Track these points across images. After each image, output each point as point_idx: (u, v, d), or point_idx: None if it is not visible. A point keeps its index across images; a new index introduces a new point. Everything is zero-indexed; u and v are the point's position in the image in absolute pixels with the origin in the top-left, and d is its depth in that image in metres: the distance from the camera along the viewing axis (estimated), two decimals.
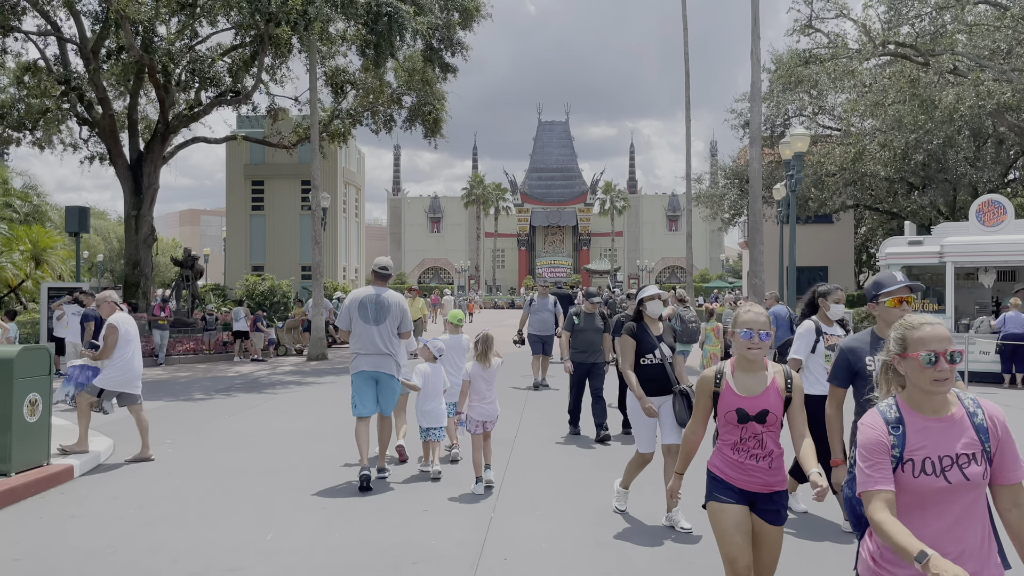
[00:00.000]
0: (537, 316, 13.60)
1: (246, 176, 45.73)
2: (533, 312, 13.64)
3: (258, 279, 27.08)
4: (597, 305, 9.71)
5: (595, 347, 9.44)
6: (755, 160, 19.12)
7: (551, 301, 13.71)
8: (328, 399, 12.35)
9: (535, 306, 13.65)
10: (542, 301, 13.69)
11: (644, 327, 5.94)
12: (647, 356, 5.83)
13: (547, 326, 13.49)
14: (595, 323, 9.51)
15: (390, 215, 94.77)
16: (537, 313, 13.61)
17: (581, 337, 9.44)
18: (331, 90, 26.57)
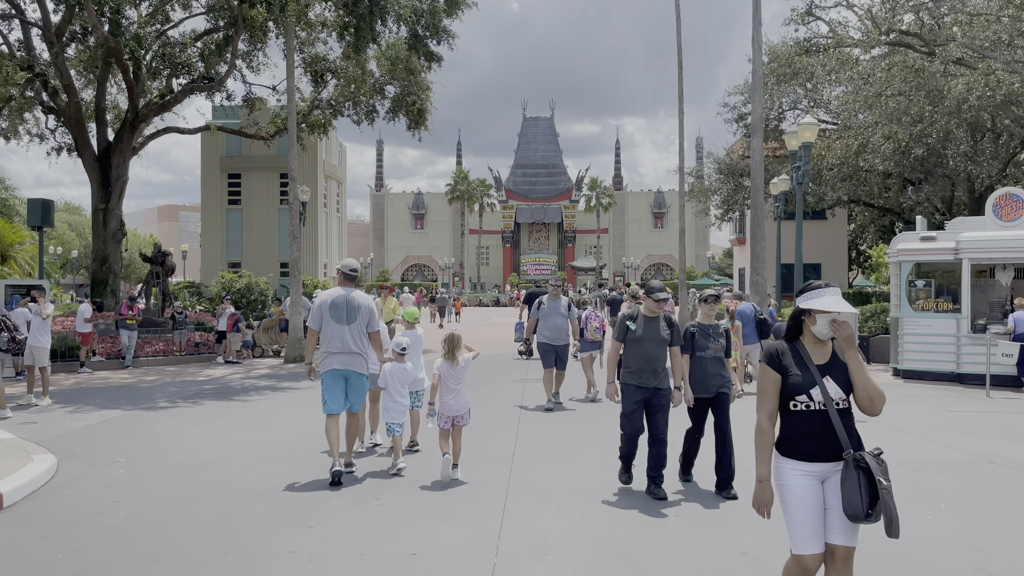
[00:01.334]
0: (549, 322, 11.34)
1: (222, 169, 44.14)
2: (543, 317, 11.41)
3: (234, 276, 25.93)
4: (663, 305, 6.75)
5: (658, 365, 6.72)
6: (756, 151, 18.26)
7: (564, 303, 11.46)
8: (304, 407, 11.30)
9: (545, 309, 11.44)
10: (553, 304, 11.45)
11: (798, 351, 3.76)
12: (799, 399, 3.68)
13: (561, 333, 11.31)
14: (658, 331, 6.70)
15: (373, 211, 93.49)
16: (549, 318, 11.35)
17: (638, 351, 6.65)
18: (311, 79, 25.42)
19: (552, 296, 11.53)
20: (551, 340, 11.27)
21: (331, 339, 7.18)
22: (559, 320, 11.29)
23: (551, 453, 8.10)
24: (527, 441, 8.72)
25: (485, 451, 8.18)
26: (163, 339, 18.96)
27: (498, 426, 9.62)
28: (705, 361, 6.79)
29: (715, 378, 6.80)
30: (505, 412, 10.71)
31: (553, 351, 11.26)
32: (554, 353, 11.25)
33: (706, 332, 6.87)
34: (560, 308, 11.36)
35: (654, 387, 6.64)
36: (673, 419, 6.83)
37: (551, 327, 11.30)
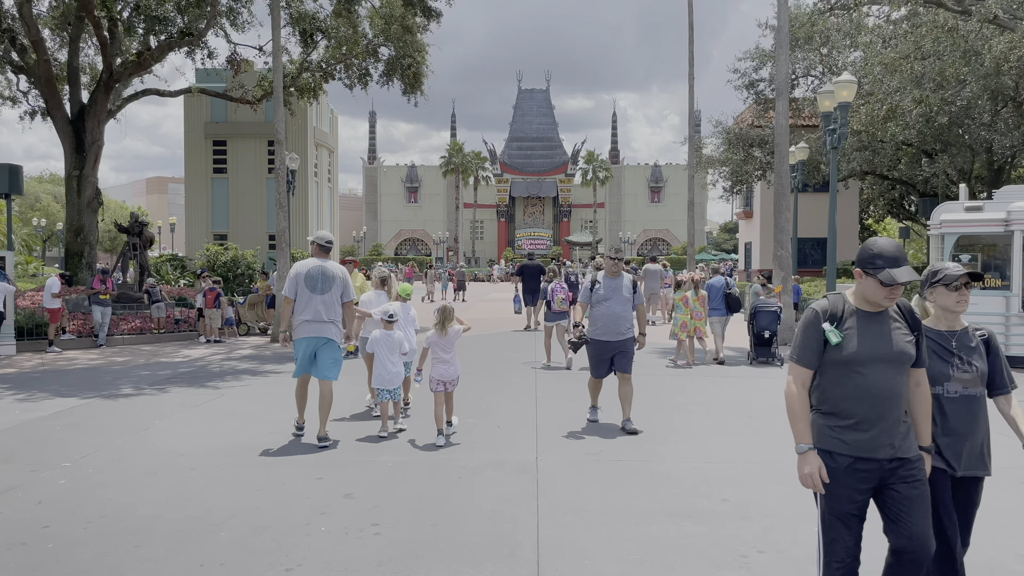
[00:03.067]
0: (604, 309, 7.89)
1: (207, 136, 42.03)
2: (598, 302, 7.95)
3: (220, 249, 24.50)
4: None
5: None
6: (781, 115, 16.84)
7: (627, 283, 8.00)
8: (287, 395, 9.91)
9: (600, 292, 7.95)
10: (612, 284, 7.96)
11: None
12: None
13: (622, 325, 7.86)
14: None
15: (366, 184, 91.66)
16: (605, 304, 7.90)
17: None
18: (300, 39, 23.79)
19: (610, 273, 8.00)
20: (609, 336, 7.85)
21: (305, 308, 7.40)
22: (619, 307, 7.85)
23: (581, 458, 6.80)
24: (550, 441, 7.41)
25: (502, 454, 6.87)
26: (140, 316, 17.57)
27: (513, 421, 8.31)
28: None
29: None
30: (518, 403, 9.41)
31: (610, 353, 7.89)
32: (610, 358, 7.91)
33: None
34: (622, 290, 7.92)
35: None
36: None
37: (609, 317, 7.83)
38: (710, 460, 6.73)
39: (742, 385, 10.95)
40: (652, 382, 10.99)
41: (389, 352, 7.74)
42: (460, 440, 7.40)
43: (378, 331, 7.87)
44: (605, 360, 7.96)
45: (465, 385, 10.53)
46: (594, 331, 7.95)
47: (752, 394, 10.15)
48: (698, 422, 8.31)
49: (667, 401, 9.56)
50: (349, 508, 5.41)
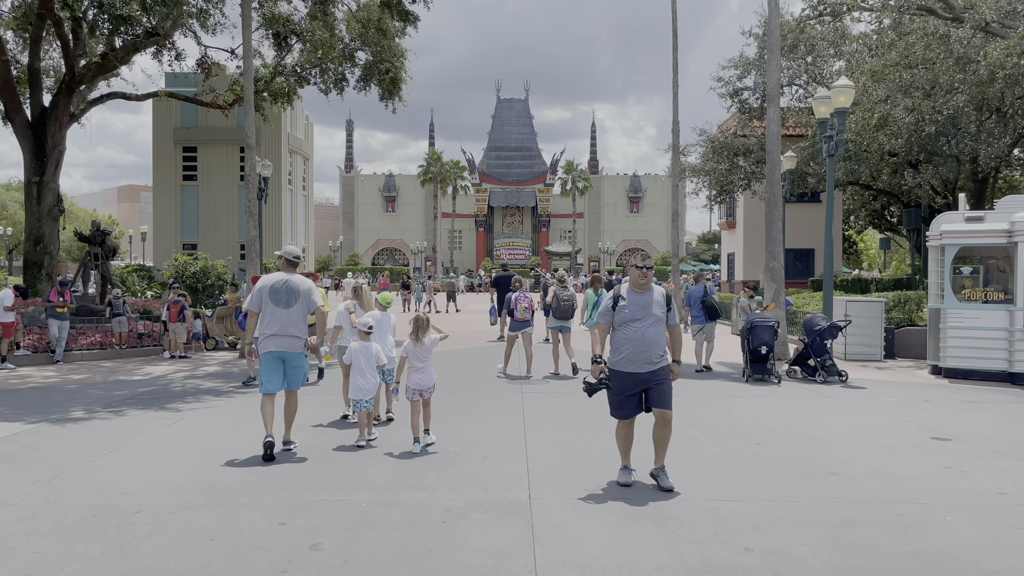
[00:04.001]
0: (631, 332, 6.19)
1: (176, 141, 40.64)
2: (621, 324, 6.23)
3: (189, 259, 23.54)
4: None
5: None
6: (773, 122, 16.31)
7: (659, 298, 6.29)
8: (254, 419, 9.13)
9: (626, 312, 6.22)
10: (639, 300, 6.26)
11: None
12: None
13: (653, 351, 6.19)
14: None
15: (342, 193, 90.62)
16: (631, 326, 6.19)
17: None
18: (273, 41, 23.01)
19: (637, 286, 6.25)
20: (638, 366, 6.15)
21: (270, 322, 7.41)
22: (650, 329, 6.14)
23: (580, 495, 6.06)
24: (544, 474, 6.67)
25: (491, 492, 6.12)
26: (101, 330, 16.63)
27: (500, 450, 7.56)
28: None
29: None
30: (505, 427, 8.65)
31: (639, 387, 6.21)
32: (639, 393, 6.25)
33: None
34: (652, 307, 6.21)
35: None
36: None
37: (638, 343, 6.12)
38: (723, 497, 6.03)
39: (743, 406, 10.28)
40: None
41: (366, 363, 7.87)
42: (442, 474, 6.65)
43: (356, 342, 8.03)
44: (633, 396, 6.25)
45: (446, 406, 9.79)
46: (618, 360, 6.21)
47: (756, 417, 9.48)
48: (703, 451, 7.61)
49: None
50: (315, 565, 4.63)
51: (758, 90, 29.22)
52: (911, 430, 8.76)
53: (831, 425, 9.02)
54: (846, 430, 8.71)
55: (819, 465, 7.06)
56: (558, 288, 13.15)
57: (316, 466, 6.97)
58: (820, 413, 9.86)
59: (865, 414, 9.80)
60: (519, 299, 13.00)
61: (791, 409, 10.08)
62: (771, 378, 12.53)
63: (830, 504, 5.87)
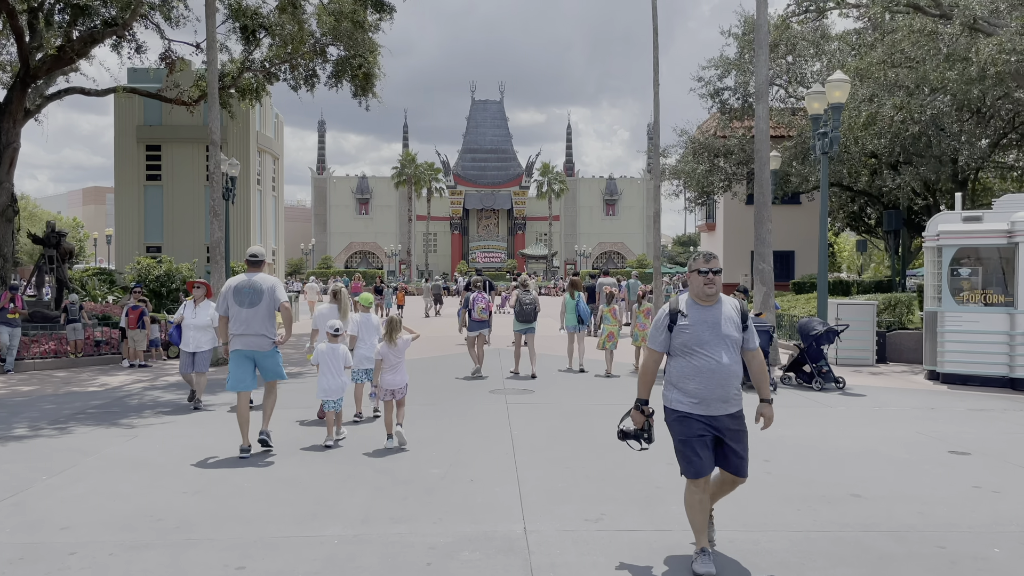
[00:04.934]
0: (700, 359, 4.58)
1: (139, 140, 39.07)
2: (685, 346, 4.62)
3: (152, 262, 22.54)
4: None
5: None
6: (762, 119, 15.79)
7: (730, 311, 4.66)
8: (213, 436, 8.35)
9: (688, 330, 4.59)
10: (705, 314, 4.62)
11: None
12: None
13: (730, 383, 4.61)
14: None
15: (314, 195, 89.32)
16: (697, 349, 4.58)
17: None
18: (240, 35, 22.09)
19: (702, 297, 4.61)
20: (706, 406, 4.58)
21: (236, 322, 7.52)
22: (723, 355, 4.54)
23: (580, 526, 5.37)
24: (538, 500, 5.97)
25: (480, 523, 5.41)
26: (55, 337, 15.67)
27: (488, 471, 6.85)
28: None
29: None
30: (492, 445, 7.94)
31: (709, 432, 4.62)
32: (712, 439, 4.64)
33: None
34: (723, 325, 4.56)
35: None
36: None
37: (707, 374, 4.54)
38: (742, 527, 5.37)
39: None
40: None
41: (333, 364, 8.05)
42: (425, 501, 5.92)
43: (323, 344, 8.21)
44: (705, 446, 4.57)
45: (425, 419, 9.06)
46: (678, 398, 4.60)
47: (757, 429, 8.83)
48: None
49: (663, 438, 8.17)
50: None
51: (739, 90, 28.82)
52: (925, 443, 8.18)
53: (839, 438, 8.42)
54: (856, 443, 8.11)
55: (838, 486, 6.44)
56: (520, 292, 13.52)
57: (283, 491, 6.21)
58: (824, 424, 9.27)
59: (871, 425, 9.23)
60: (476, 300, 13.22)
61: (793, 420, 9.48)
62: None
63: (861, 534, 5.24)
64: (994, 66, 16.02)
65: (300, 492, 6.19)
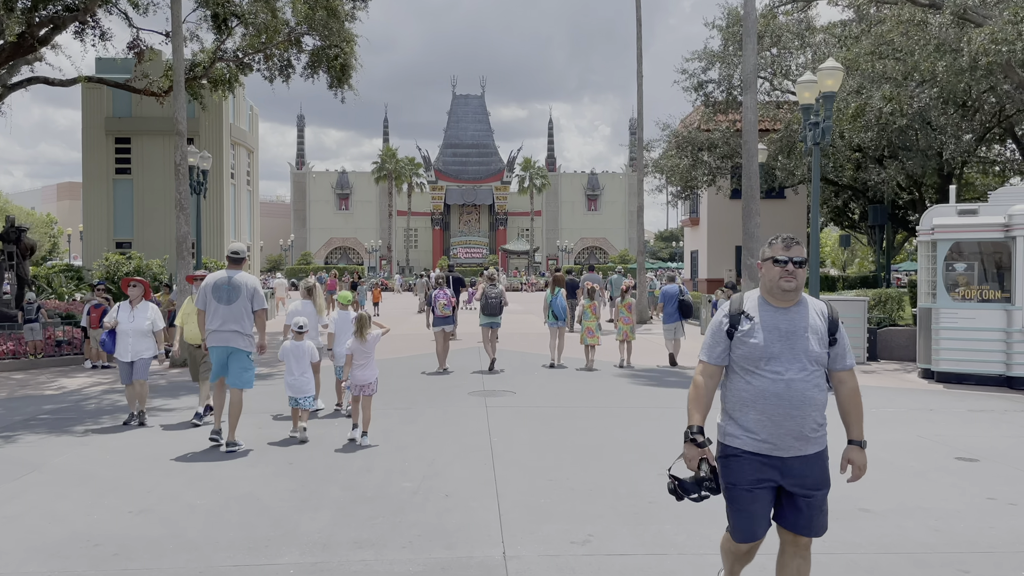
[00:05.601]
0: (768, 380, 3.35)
1: (108, 132, 37.83)
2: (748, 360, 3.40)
3: (121, 258, 21.81)
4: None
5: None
6: (750, 110, 15.32)
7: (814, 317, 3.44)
8: (173, 447, 7.75)
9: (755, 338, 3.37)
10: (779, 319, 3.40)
11: None
12: None
13: (807, 415, 3.37)
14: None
15: (294, 190, 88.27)
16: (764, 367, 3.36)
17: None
18: (212, 23, 21.34)
19: (776, 296, 3.41)
20: (772, 445, 3.36)
21: (213, 318, 7.68)
22: (801, 374, 3.35)
23: (566, 549, 4.84)
24: (519, 518, 5.43)
25: (455, 548, 4.86)
26: (14, 337, 14.94)
27: (465, 485, 6.30)
28: None
29: None
30: (468, 453, 7.39)
31: (772, 480, 3.40)
32: (771, 491, 3.43)
33: None
34: (804, 336, 3.36)
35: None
36: None
37: (775, 401, 3.32)
38: None
39: None
40: (626, 416, 9.14)
41: (297, 361, 8.17)
42: (394, 521, 5.37)
43: (288, 341, 8.33)
44: (765, 493, 3.39)
45: (399, 425, 8.50)
46: (733, 432, 3.41)
47: None
48: None
49: (652, 443, 7.69)
50: None
51: (723, 83, 28.41)
52: (929, 448, 7.73)
53: (837, 442, 7.93)
54: None
55: (844, 498, 5.92)
56: (487, 286, 13.62)
57: (238, 510, 5.63)
58: None
59: (869, 428, 8.67)
60: (438, 296, 13.21)
61: None
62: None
63: (877, 556, 4.75)
64: (986, 56, 15.65)
65: (257, 512, 5.62)
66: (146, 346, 8.95)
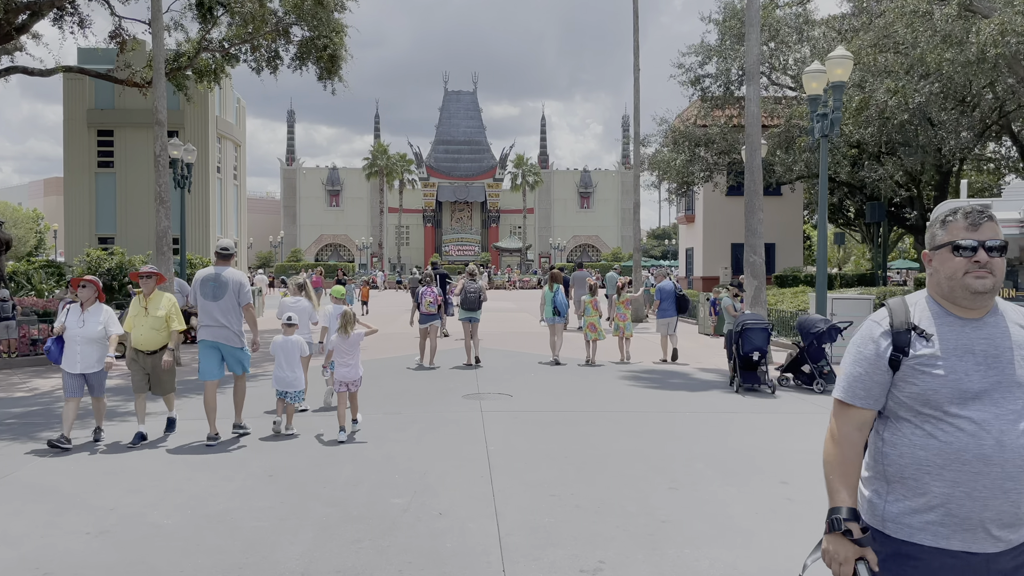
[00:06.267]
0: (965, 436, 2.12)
1: (90, 124, 36.77)
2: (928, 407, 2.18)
3: (104, 253, 21.12)
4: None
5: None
6: (752, 101, 14.82)
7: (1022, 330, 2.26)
8: (146, 456, 7.19)
9: (938, 370, 2.17)
10: (974, 339, 2.19)
11: None
12: None
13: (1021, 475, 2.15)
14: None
15: (284, 186, 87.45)
16: (956, 412, 2.13)
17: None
18: (197, 12, 20.74)
19: (963, 301, 2.22)
20: (974, 532, 2.13)
21: (202, 313, 7.76)
22: (1010, 427, 2.11)
23: None
24: (522, 544, 4.89)
25: None
26: None
27: (461, 503, 5.75)
28: None
29: None
30: (464, 464, 6.85)
31: None
32: None
33: None
34: (1010, 358, 2.16)
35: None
36: None
37: (977, 464, 2.10)
38: (766, 571, 4.35)
39: (744, 426, 8.67)
40: (628, 422, 8.62)
41: (287, 356, 8.10)
42: (381, 545, 4.83)
43: (279, 336, 8.30)
44: None
45: (392, 433, 7.95)
46: (901, 511, 2.22)
47: (763, 441, 7.87)
48: (718, 494, 5.93)
49: (659, 452, 7.18)
50: None
51: (720, 77, 27.95)
52: None
53: None
54: None
55: None
56: (467, 281, 13.77)
57: (209, 532, 5.08)
58: None
59: None
60: (424, 294, 13.39)
61: (799, 429, 8.52)
62: (764, 388, 10.99)
63: None
64: (995, 47, 15.21)
65: (229, 533, 5.06)
66: (99, 356, 7.66)
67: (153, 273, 7.93)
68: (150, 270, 7.99)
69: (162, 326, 7.84)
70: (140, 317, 7.82)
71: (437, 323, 13.80)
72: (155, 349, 7.83)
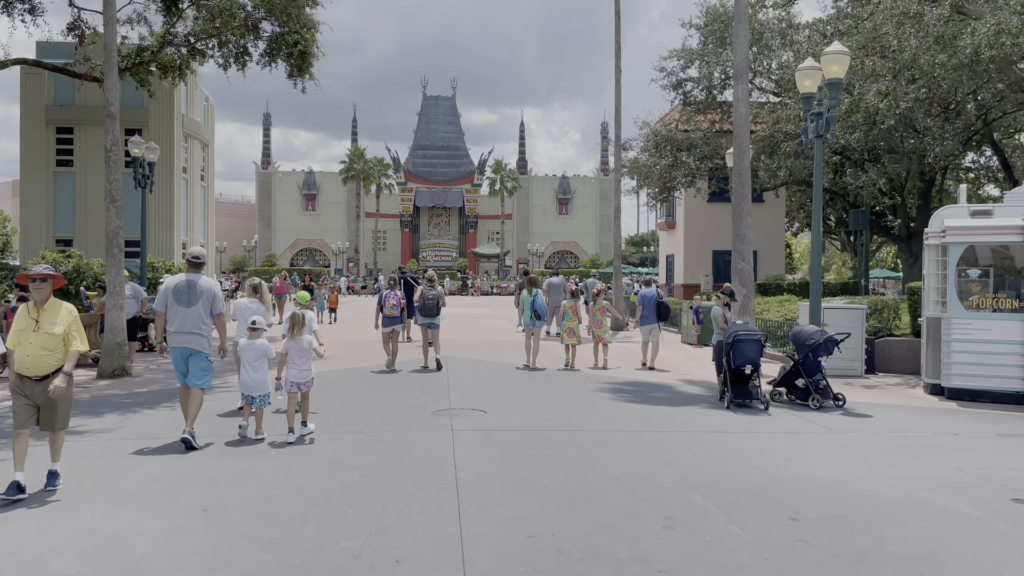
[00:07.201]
0: None
1: (48, 121, 35.38)
2: None
3: (60, 256, 20.09)
4: None
5: None
6: (741, 102, 14.18)
7: None
8: (74, 491, 6.31)
9: None
10: None
11: None
12: None
13: None
14: None
15: (259, 190, 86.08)
16: None
17: None
18: (161, 5, 19.83)
19: None
20: None
21: (173, 320, 7.81)
22: None
23: None
24: None
25: None
26: None
27: (423, 546, 4.93)
28: None
29: None
30: (432, 501, 6.02)
31: None
32: None
33: None
34: None
35: None
36: None
37: None
38: None
39: (739, 448, 7.92)
40: (611, 442, 7.85)
41: (253, 359, 8.07)
42: None
43: (243, 339, 8.41)
44: None
45: (351, 457, 7.07)
46: None
47: (763, 466, 7.13)
48: (724, 537, 5.16)
49: (650, 480, 6.41)
50: None
51: (703, 82, 27.45)
52: (976, 486, 6.54)
53: (869, 479, 6.72)
54: (893, 488, 6.42)
55: (901, 558, 4.73)
56: (425, 287, 13.82)
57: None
58: (840, 457, 7.58)
59: (894, 458, 7.57)
60: (388, 297, 13.64)
61: (800, 452, 7.79)
62: (756, 403, 10.28)
63: None
64: (990, 49, 14.68)
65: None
66: None
67: (48, 275, 6.08)
68: (44, 271, 6.10)
69: (56, 346, 5.98)
70: (28, 332, 5.97)
71: (400, 327, 14.12)
72: (45, 375, 6.00)
